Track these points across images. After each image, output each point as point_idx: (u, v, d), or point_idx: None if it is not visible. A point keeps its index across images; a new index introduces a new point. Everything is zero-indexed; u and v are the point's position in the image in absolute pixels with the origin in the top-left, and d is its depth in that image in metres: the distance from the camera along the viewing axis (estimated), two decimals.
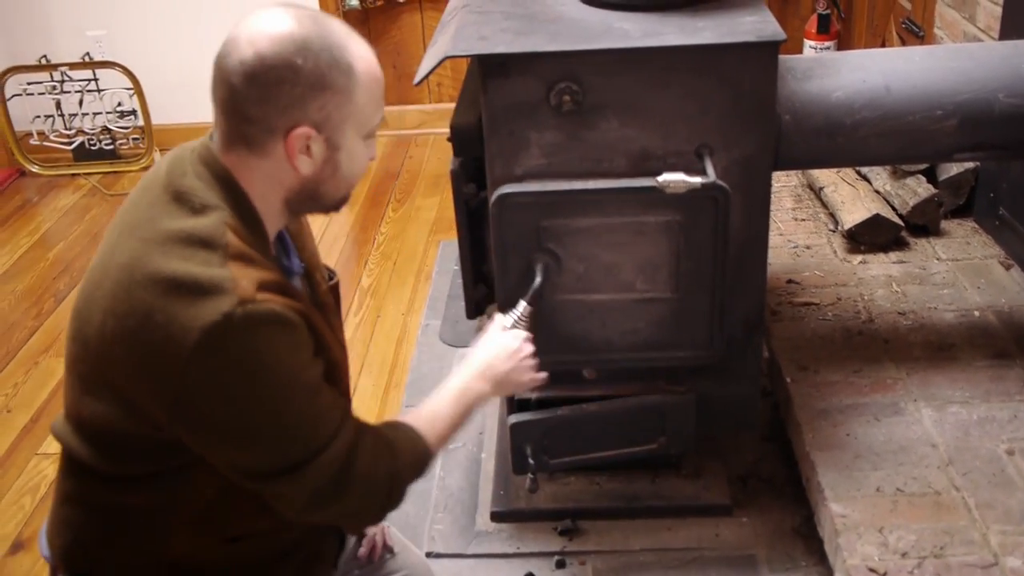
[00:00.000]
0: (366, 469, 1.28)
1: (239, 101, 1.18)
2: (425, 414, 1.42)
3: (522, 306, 1.68)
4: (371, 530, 1.62)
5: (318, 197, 1.28)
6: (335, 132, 1.22)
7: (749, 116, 1.73)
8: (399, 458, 1.34)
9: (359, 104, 1.22)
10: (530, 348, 1.55)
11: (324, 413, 1.25)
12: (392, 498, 1.34)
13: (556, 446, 1.98)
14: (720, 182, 1.69)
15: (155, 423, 1.19)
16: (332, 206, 1.32)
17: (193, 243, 1.17)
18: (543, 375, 1.57)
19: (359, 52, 1.23)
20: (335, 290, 1.50)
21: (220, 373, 1.14)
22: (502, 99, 1.71)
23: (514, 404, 1.99)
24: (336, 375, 1.36)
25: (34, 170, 4.19)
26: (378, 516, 1.38)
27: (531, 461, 1.95)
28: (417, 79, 1.72)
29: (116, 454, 1.26)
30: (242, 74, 1.16)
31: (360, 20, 4.19)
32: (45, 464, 2.51)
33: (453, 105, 1.94)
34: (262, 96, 1.17)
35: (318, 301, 1.43)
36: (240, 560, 1.35)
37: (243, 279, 1.15)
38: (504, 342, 1.54)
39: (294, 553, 1.40)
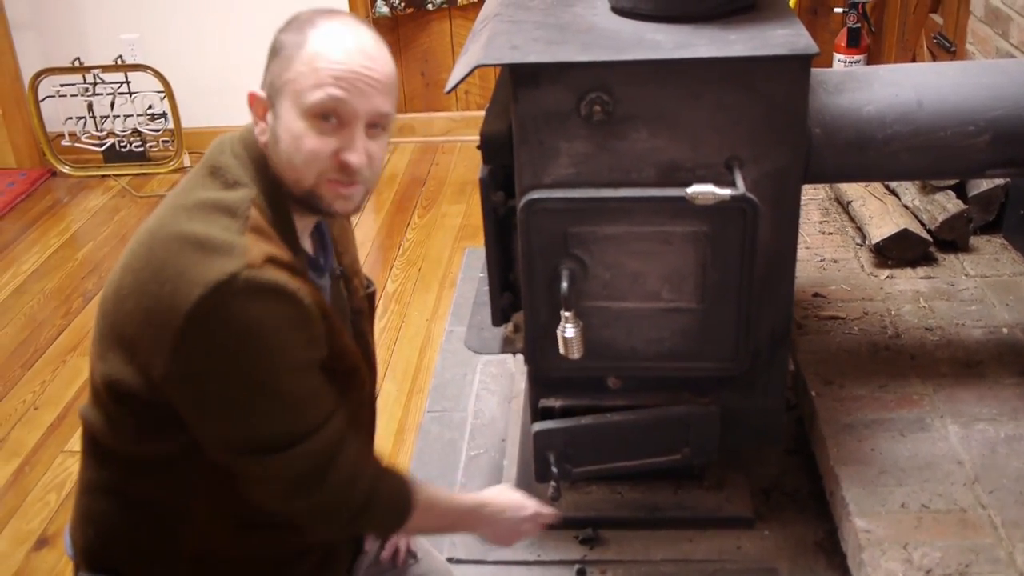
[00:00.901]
0: (346, 474, 1.28)
1: None
2: (429, 491, 1.42)
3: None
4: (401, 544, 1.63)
5: (280, 177, 1.27)
6: (275, 97, 1.25)
7: (780, 129, 1.73)
8: (381, 485, 1.34)
9: (295, 71, 1.23)
10: (533, 511, 1.57)
11: (313, 399, 1.25)
12: (362, 518, 1.32)
13: (579, 455, 1.98)
14: (749, 195, 1.69)
15: (152, 379, 1.20)
16: (301, 199, 1.27)
17: (217, 210, 1.21)
18: (530, 533, 1.60)
19: (326, 31, 1.24)
20: (371, 299, 1.51)
21: (216, 332, 1.16)
22: (533, 108, 1.72)
23: (538, 412, 1.99)
24: (353, 381, 1.36)
25: (65, 171, 4.24)
26: (344, 528, 1.37)
27: (554, 469, 1.95)
28: (449, 87, 1.73)
29: (128, 427, 1.27)
30: None
31: (389, 27, 4.22)
32: (71, 462, 2.53)
33: (480, 113, 1.95)
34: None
35: (353, 306, 1.44)
36: (254, 555, 1.36)
37: (255, 248, 1.18)
38: (517, 498, 1.56)
39: (308, 553, 1.41)
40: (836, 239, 2.75)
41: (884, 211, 2.67)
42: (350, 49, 1.24)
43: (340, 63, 1.23)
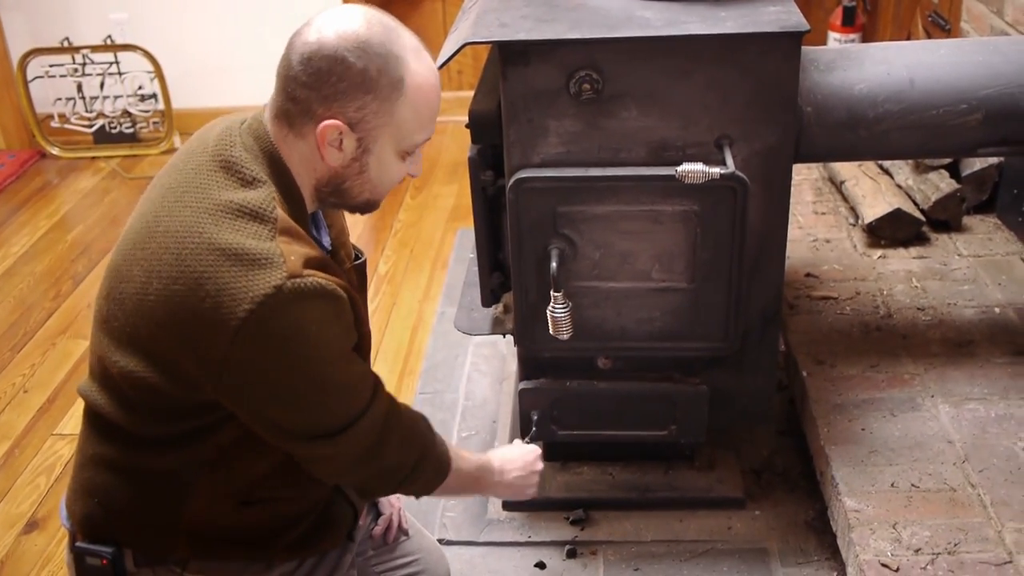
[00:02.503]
0: (400, 435, 1.36)
1: (291, 79, 1.23)
2: (457, 452, 1.50)
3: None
4: (387, 509, 1.63)
5: (342, 193, 1.32)
6: (369, 135, 1.26)
7: (771, 107, 1.71)
8: (429, 444, 1.43)
9: (400, 117, 1.25)
10: (541, 465, 1.67)
11: (361, 379, 1.31)
12: (413, 476, 1.41)
13: (565, 418, 1.99)
14: (739, 173, 1.68)
15: (194, 385, 1.22)
16: (356, 206, 1.35)
17: (245, 215, 1.21)
18: (534, 490, 1.67)
19: (417, 69, 1.26)
20: (361, 269, 1.52)
21: (268, 342, 1.19)
22: (521, 86, 1.70)
23: (526, 370, 1.99)
24: (365, 351, 1.41)
25: (54, 152, 4.21)
26: (397, 487, 1.44)
27: (534, 428, 1.95)
28: (437, 65, 1.70)
29: (144, 412, 1.28)
30: (300, 55, 1.21)
31: (381, 7, 4.17)
32: (61, 445, 2.52)
33: (472, 93, 1.94)
34: (310, 81, 1.21)
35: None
36: (251, 525, 1.37)
37: (291, 254, 1.21)
38: (524, 452, 1.65)
39: (303, 519, 1.41)
40: (829, 219, 2.74)
41: (877, 191, 2.66)
42: (437, 86, 1.30)
43: (436, 102, 1.30)
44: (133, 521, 1.34)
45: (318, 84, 1.21)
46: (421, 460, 1.41)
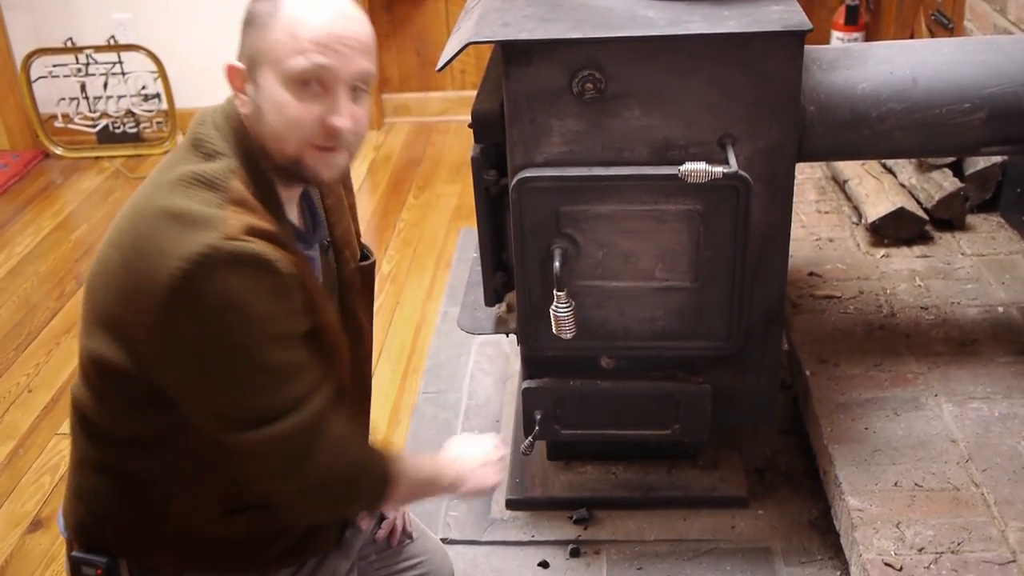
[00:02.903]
0: (333, 450, 1.27)
1: None
2: (405, 462, 1.40)
3: None
4: (391, 513, 1.63)
5: (264, 149, 1.25)
6: (255, 68, 1.24)
7: (773, 106, 1.71)
8: (366, 462, 1.33)
9: (273, 40, 1.21)
10: (501, 452, 1.56)
11: (297, 372, 1.23)
12: (348, 496, 1.32)
13: (568, 417, 1.99)
14: (742, 172, 1.68)
15: (142, 357, 1.20)
16: (286, 167, 1.26)
17: (198, 183, 1.21)
18: (494, 483, 1.55)
19: None
20: (367, 272, 1.49)
21: (197, 304, 1.15)
22: (524, 86, 1.70)
23: (530, 370, 1.99)
24: (333, 359, 1.34)
25: (58, 152, 4.22)
26: (332, 507, 1.35)
27: (536, 427, 1.95)
28: (440, 65, 1.72)
29: (115, 405, 1.27)
30: None
31: (384, 6, 4.19)
32: (65, 444, 2.53)
33: (476, 92, 1.94)
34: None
35: (342, 278, 1.43)
36: (241, 533, 1.36)
37: (234, 219, 1.18)
38: (480, 445, 1.54)
39: (290, 531, 1.40)
40: (832, 218, 2.74)
41: (880, 190, 2.65)
42: (327, 12, 1.22)
43: (319, 27, 1.21)
44: (122, 528, 1.34)
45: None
46: (354, 483, 1.32)
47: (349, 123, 1.24)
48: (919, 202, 2.62)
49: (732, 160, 1.67)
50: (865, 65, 1.84)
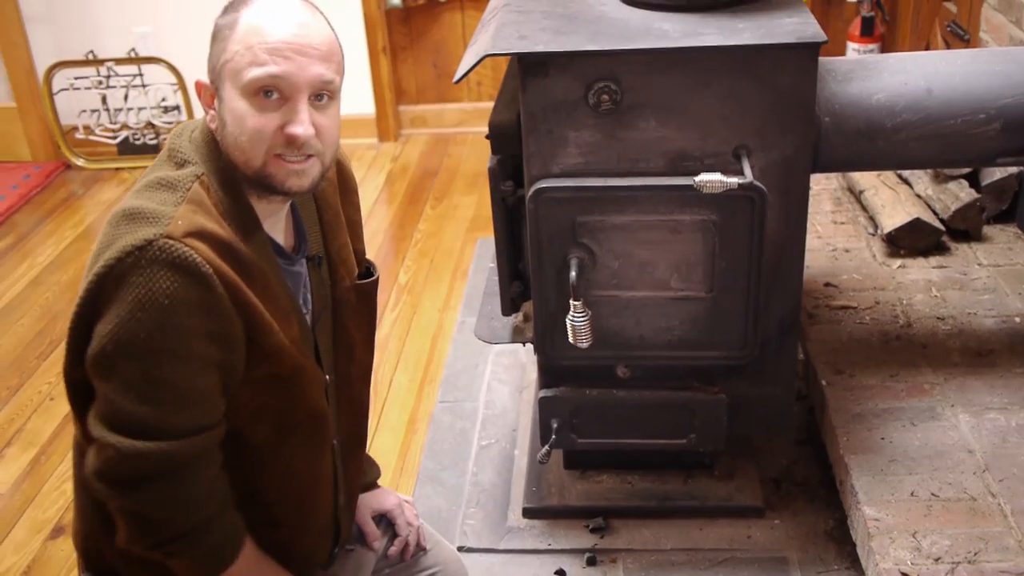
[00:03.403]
0: (187, 496, 1.22)
1: None
2: (256, 553, 1.35)
3: None
4: (404, 530, 1.63)
5: (232, 162, 1.25)
6: (217, 81, 1.25)
7: (788, 117, 1.72)
8: (216, 526, 1.26)
9: (231, 52, 1.22)
10: None
11: (189, 401, 1.19)
12: (177, 548, 1.24)
13: (585, 426, 2.00)
14: (757, 183, 1.69)
15: (76, 354, 1.20)
16: (253, 179, 1.25)
17: (160, 186, 1.22)
18: None
19: (259, 7, 1.23)
20: (364, 290, 1.47)
21: (117, 291, 1.15)
22: (541, 98, 1.72)
23: (546, 379, 2.00)
24: (296, 382, 1.30)
25: (79, 163, 4.26)
26: (155, 547, 1.25)
27: (553, 436, 1.96)
28: (457, 77, 1.73)
29: (83, 414, 1.25)
30: None
31: (402, 19, 4.22)
32: None
33: (492, 104, 1.96)
34: None
35: (335, 295, 1.42)
36: None
37: (182, 220, 1.17)
38: None
39: (279, 548, 1.38)
40: (848, 228, 2.74)
41: (896, 200, 2.66)
42: (281, 21, 1.22)
43: (272, 36, 1.21)
44: (114, 551, 1.32)
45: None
46: (195, 535, 1.24)
47: (309, 131, 1.23)
48: (935, 213, 2.62)
49: (747, 171, 1.69)
50: (880, 76, 1.85)
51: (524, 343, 2.05)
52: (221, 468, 1.27)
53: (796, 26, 1.69)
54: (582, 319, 1.77)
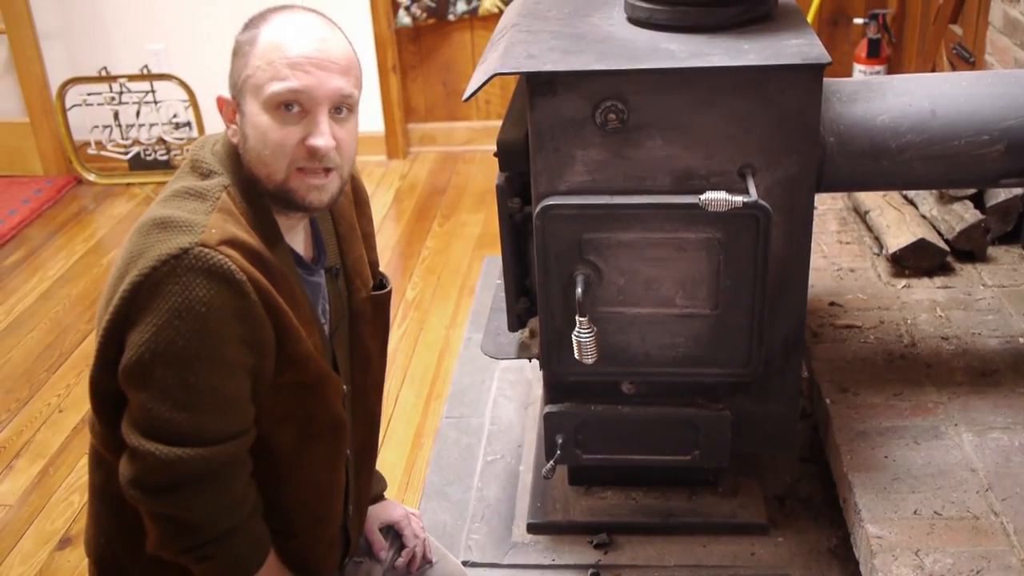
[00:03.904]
0: (223, 502, 1.24)
1: None
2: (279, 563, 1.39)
3: None
4: (411, 542, 1.64)
5: (253, 176, 1.27)
6: (239, 96, 1.27)
7: (793, 138, 1.74)
8: (246, 531, 1.28)
9: (253, 66, 1.25)
10: None
11: (223, 407, 1.21)
12: (208, 552, 1.25)
13: (589, 442, 2.01)
14: (762, 202, 1.71)
15: (107, 361, 1.21)
16: (275, 194, 1.28)
17: (189, 195, 1.24)
18: None
19: (278, 23, 1.25)
20: (379, 301, 1.49)
21: (153, 299, 1.16)
22: (549, 116, 1.74)
23: (551, 394, 2.01)
24: (319, 390, 1.32)
25: (91, 178, 4.30)
26: (185, 553, 1.26)
27: (558, 452, 1.97)
28: (466, 96, 1.76)
29: (109, 426, 1.27)
30: None
31: (412, 38, 4.26)
32: None
33: (501, 122, 1.98)
34: None
35: (352, 307, 1.45)
36: None
37: (216, 228, 1.19)
38: None
39: (291, 555, 1.40)
40: (853, 248, 2.76)
41: (901, 221, 2.67)
42: (301, 36, 1.25)
43: (293, 51, 1.24)
44: (134, 555, 1.34)
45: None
46: (227, 539, 1.27)
47: (330, 143, 1.25)
48: (940, 233, 2.63)
49: (752, 190, 1.70)
50: (884, 97, 1.87)
51: (530, 359, 2.06)
52: (251, 475, 1.29)
53: (801, 47, 1.71)
54: (588, 335, 1.79)
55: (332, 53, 1.26)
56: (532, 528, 2.14)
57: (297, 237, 1.36)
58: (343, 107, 1.28)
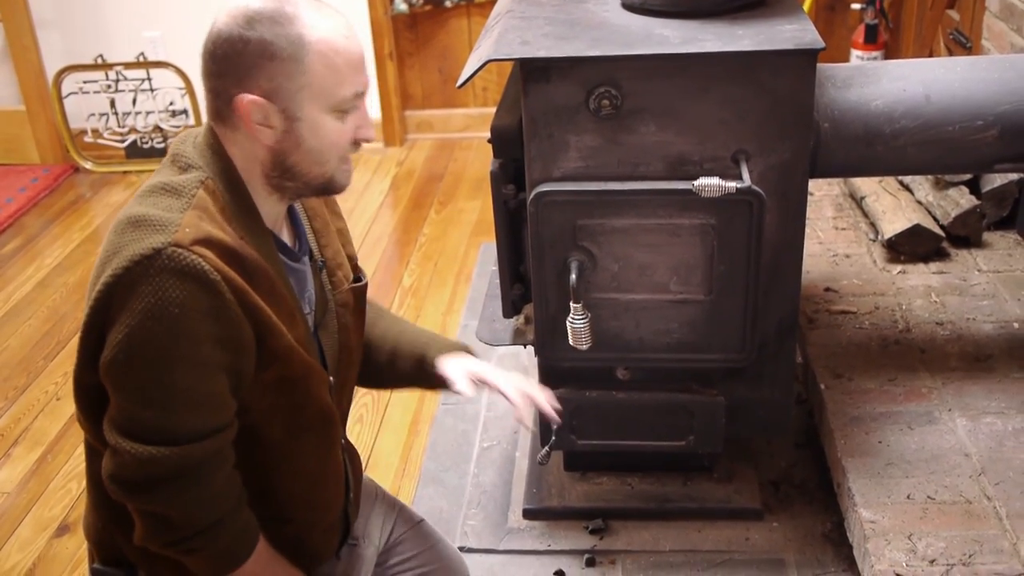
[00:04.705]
0: (206, 496, 1.24)
1: (205, 75, 1.27)
2: (269, 551, 1.37)
3: None
4: (474, 368, 1.56)
5: (293, 174, 1.28)
6: (290, 103, 1.24)
7: (786, 123, 1.74)
8: (232, 523, 1.28)
9: (314, 74, 1.23)
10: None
11: (202, 404, 1.21)
12: (195, 545, 1.26)
13: (585, 428, 2.02)
14: (755, 187, 1.71)
15: (87, 358, 1.22)
16: (316, 187, 1.30)
17: (164, 191, 1.23)
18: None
19: (316, 22, 1.23)
20: (357, 292, 1.49)
21: (127, 300, 1.16)
22: (542, 102, 1.74)
23: (546, 380, 2.02)
24: (305, 382, 1.32)
25: (87, 166, 4.30)
26: (173, 546, 1.27)
27: (553, 437, 1.97)
28: (460, 82, 1.76)
29: (94, 419, 1.27)
30: (205, 50, 1.26)
31: (408, 24, 4.25)
32: None
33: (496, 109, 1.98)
34: (219, 69, 1.24)
35: (337, 299, 1.44)
36: None
37: (189, 227, 1.18)
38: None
39: (287, 540, 1.40)
40: (849, 234, 2.76)
41: (897, 206, 2.67)
42: (345, 34, 1.25)
43: (348, 52, 1.25)
44: (130, 543, 1.33)
45: (225, 69, 1.23)
46: (213, 533, 1.26)
47: (374, 132, 1.32)
48: (936, 219, 2.63)
49: (745, 175, 1.71)
50: (879, 83, 1.87)
51: (525, 345, 2.07)
52: (234, 466, 1.29)
53: (795, 33, 1.71)
54: (582, 321, 1.79)
55: (362, 47, 1.30)
56: (528, 514, 2.15)
57: (280, 225, 1.36)
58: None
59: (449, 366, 1.56)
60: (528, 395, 1.54)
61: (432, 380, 1.57)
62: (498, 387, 1.54)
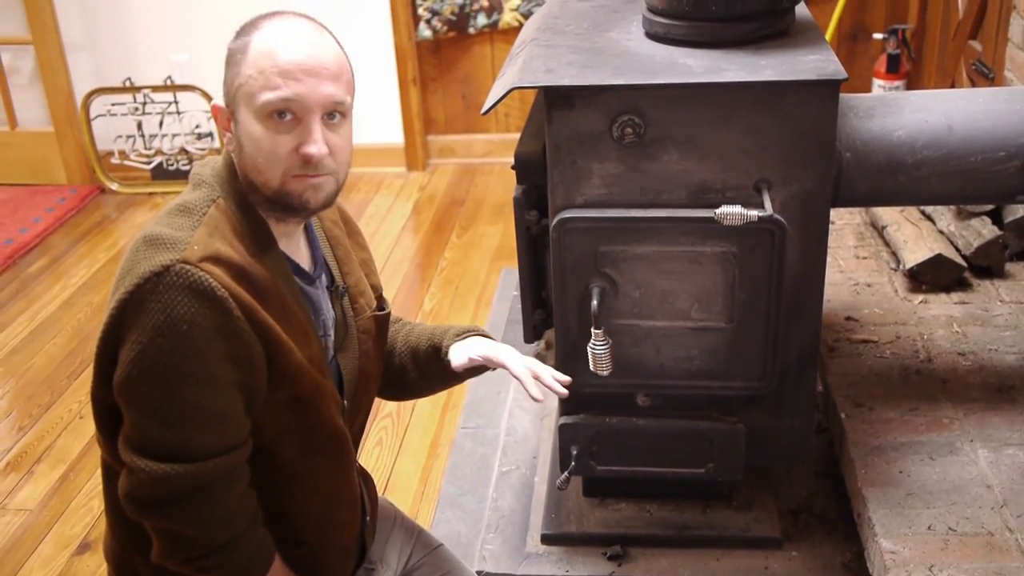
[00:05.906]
0: (219, 513, 1.25)
1: None
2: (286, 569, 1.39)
3: None
4: (537, 368, 1.55)
5: (248, 182, 1.28)
6: (233, 105, 1.27)
7: (809, 153, 1.75)
8: (246, 540, 1.29)
9: (245, 75, 1.25)
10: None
11: (213, 421, 1.22)
12: (211, 562, 1.26)
13: (604, 453, 2.02)
14: (777, 216, 1.72)
15: (102, 378, 1.23)
16: (272, 199, 1.28)
17: (178, 211, 1.26)
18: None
19: (269, 30, 1.26)
20: (379, 320, 1.51)
21: (138, 318, 1.17)
22: (566, 130, 1.76)
23: (566, 406, 2.02)
24: (315, 403, 1.32)
25: (114, 188, 4.35)
26: (189, 563, 1.28)
27: (572, 463, 1.97)
28: (485, 109, 1.78)
29: (109, 439, 1.29)
30: None
31: (432, 50, 4.29)
32: None
33: (519, 135, 2.00)
34: None
35: (360, 325, 1.46)
36: None
37: (198, 245, 1.20)
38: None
39: (303, 563, 1.41)
40: (870, 263, 2.76)
41: (919, 236, 2.67)
42: (291, 43, 1.25)
43: (283, 58, 1.24)
44: (147, 565, 1.34)
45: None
46: (228, 550, 1.27)
47: (323, 149, 1.26)
48: (958, 249, 2.63)
49: (767, 204, 1.71)
50: (901, 113, 1.88)
51: None
52: (250, 485, 1.30)
53: (817, 63, 1.72)
54: (603, 347, 1.80)
55: (323, 59, 1.26)
56: (546, 539, 2.15)
57: (297, 248, 1.37)
58: (336, 113, 1.28)
59: (455, 351, 1.56)
60: (533, 371, 1.53)
61: (449, 370, 1.58)
62: (503, 363, 1.54)
